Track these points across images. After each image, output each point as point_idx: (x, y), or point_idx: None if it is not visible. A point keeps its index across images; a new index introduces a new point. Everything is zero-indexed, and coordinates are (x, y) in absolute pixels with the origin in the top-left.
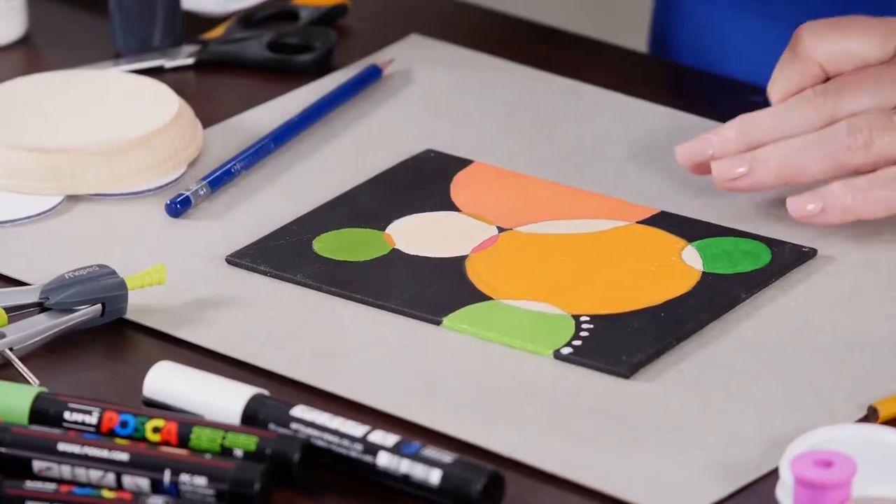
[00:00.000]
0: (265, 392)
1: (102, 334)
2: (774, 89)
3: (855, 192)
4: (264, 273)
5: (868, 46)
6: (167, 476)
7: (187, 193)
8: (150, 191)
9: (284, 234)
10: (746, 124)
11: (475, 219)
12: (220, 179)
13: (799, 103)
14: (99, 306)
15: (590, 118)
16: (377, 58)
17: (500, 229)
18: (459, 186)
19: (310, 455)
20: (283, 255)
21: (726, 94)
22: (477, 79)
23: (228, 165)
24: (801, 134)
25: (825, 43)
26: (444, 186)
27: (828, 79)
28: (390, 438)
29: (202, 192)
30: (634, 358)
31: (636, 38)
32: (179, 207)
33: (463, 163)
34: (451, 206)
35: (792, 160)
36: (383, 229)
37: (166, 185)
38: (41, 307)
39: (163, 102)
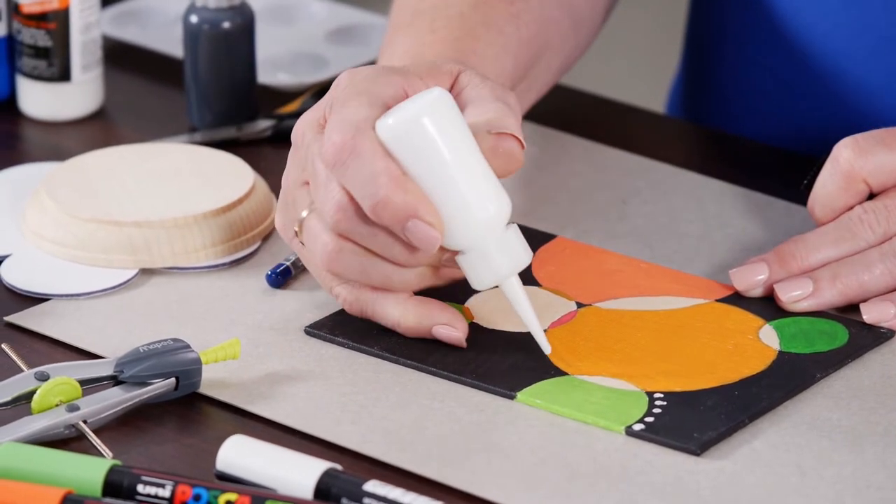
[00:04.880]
0: (338, 466)
1: (175, 407)
2: (819, 207)
3: None
4: (342, 345)
5: None
6: None
7: (287, 263)
8: (224, 264)
9: None
10: (800, 247)
11: (555, 294)
12: None
13: (851, 223)
14: (173, 380)
15: (664, 196)
16: None
17: (580, 305)
18: (542, 261)
19: None
20: (361, 326)
21: (796, 170)
22: (555, 155)
23: None
24: (856, 253)
25: (869, 158)
26: None
27: (871, 193)
28: None
29: (301, 263)
30: (706, 435)
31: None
32: (280, 278)
33: (546, 237)
34: (533, 282)
35: (856, 278)
36: (463, 302)
37: (241, 258)
38: (115, 380)
39: (238, 176)
